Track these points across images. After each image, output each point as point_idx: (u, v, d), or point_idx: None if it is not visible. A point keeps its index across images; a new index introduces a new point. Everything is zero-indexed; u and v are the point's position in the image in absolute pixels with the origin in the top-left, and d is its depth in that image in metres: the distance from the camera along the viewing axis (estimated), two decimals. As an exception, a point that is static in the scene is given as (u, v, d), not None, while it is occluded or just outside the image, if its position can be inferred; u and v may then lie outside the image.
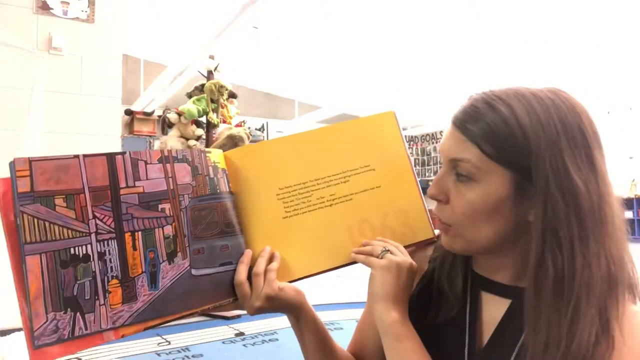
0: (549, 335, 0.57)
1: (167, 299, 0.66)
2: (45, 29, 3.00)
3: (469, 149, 0.61)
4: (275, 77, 9.57)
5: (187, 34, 7.13)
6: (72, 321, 0.61)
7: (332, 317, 3.31)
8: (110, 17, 3.19)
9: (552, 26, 5.83)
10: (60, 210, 0.62)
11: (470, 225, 0.63)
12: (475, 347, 0.67)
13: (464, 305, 0.69)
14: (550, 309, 0.57)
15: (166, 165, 0.69)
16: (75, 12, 3.08)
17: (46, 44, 3.00)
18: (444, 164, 0.66)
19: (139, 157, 0.67)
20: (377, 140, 0.78)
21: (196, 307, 0.68)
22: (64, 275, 0.61)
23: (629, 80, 8.36)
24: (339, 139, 0.77)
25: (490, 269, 0.68)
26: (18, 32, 2.93)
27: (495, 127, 0.59)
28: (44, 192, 0.61)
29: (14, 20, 2.93)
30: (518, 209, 0.61)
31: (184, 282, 0.67)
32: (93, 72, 3.12)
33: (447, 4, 5.86)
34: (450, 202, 0.64)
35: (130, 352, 2.58)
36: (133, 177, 0.66)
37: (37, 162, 0.62)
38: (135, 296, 0.64)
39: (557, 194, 0.57)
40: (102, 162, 0.65)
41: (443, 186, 0.65)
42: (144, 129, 8.96)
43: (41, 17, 3.00)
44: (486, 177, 0.61)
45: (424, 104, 9.89)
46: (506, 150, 0.59)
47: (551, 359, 0.57)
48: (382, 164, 0.77)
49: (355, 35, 7.04)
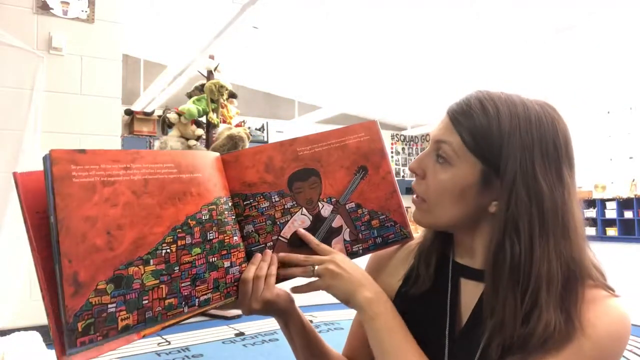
0: (505, 317, 0.63)
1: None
2: (45, 29, 3.00)
3: (453, 135, 0.69)
4: (275, 77, 9.57)
5: (187, 34, 7.14)
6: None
7: (332, 317, 3.31)
8: (110, 17, 3.19)
9: (552, 26, 5.83)
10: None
11: (438, 202, 0.70)
12: (455, 331, 0.72)
13: (445, 293, 0.74)
14: (507, 292, 0.63)
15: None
16: (75, 12, 3.08)
17: (46, 44, 3.00)
18: (430, 144, 0.73)
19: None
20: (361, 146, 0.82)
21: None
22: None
23: (629, 80, 8.36)
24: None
25: (468, 256, 0.74)
26: (18, 32, 2.92)
27: (478, 122, 0.67)
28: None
29: (14, 20, 2.93)
30: (480, 197, 0.68)
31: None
32: (93, 72, 3.12)
33: (447, 4, 5.86)
34: (427, 178, 0.72)
35: (130, 352, 2.58)
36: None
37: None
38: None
39: (522, 191, 0.64)
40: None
41: (423, 163, 0.73)
42: (144, 129, 8.96)
43: (41, 17, 3.00)
44: (459, 163, 0.68)
45: (424, 104, 9.89)
46: (481, 143, 0.67)
47: (506, 340, 0.62)
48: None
49: (355, 35, 7.04)
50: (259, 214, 0.76)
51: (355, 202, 0.79)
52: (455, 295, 0.74)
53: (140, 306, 0.61)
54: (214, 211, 0.70)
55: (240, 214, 0.75)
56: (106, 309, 0.58)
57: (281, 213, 0.77)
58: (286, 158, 0.78)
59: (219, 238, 0.70)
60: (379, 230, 0.80)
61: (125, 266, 0.60)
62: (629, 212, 9.42)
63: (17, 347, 2.05)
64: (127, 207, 0.61)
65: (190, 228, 0.67)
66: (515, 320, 0.62)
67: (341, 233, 0.79)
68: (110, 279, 0.58)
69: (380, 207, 0.80)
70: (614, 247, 8.46)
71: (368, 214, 0.80)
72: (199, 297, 0.67)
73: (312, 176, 0.78)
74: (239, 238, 0.74)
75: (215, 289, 0.69)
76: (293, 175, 0.78)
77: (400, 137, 12.72)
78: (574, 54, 7.09)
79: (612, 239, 9.57)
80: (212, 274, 0.68)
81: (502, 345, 0.63)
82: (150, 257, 0.62)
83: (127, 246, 0.60)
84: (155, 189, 0.64)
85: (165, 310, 0.63)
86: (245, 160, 0.76)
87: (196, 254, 0.67)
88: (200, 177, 0.70)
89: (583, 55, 7.17)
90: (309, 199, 0.78)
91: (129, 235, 0.61)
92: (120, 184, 0.61)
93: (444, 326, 0.72)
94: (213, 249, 0.69)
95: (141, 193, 0.63)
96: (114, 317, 0.58)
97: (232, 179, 0.75)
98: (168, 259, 0.64)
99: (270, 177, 0.77)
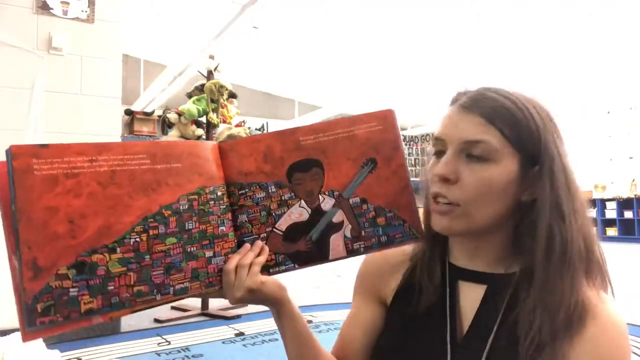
0: (557, 303, 0.63)
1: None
2: (45, 29, 3.00)
3: (490, 132, 0.67)
4: (275, 77, 9.58)
5: (187, 34, 7.14)
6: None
7: (332, 317, 3.31)
8: (110, 17, 3.19)
9: (552, 26, 5.83)
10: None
11: (479, 203, 0.67)
12: (457, 335, 0.71)
13: (444, 296, 0.73)
14: (558, 276, 0.65)
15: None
16: (75, 12, 3.08)
17: (46, 44, 3.00)
18: (452, 145, 0.69)
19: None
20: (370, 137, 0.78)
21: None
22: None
23: (629, 80, 8.36)
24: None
25: (466, 258, 0.73)
26: (18, 32, 2.93)
27: (514, 112, 0.67)
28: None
29: (14, 20, 2.93)
30: (517, 189, 0.68)
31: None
32: (93, 72, 3.12)
33: (447, 4, 5.86)
34: (461, 181, 0.68)
35: (130, 352, 2.58)
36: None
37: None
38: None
39: (560, 174, 0.67)
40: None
41: (453, 167, 0.68)
42: (144, 129, 8.95)
43: (41, 17, 3.00)
44: (502, 159, 0.67)
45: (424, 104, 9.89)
46: (523, 135, 0.67)
47: (543, 333, 0.63)
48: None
49: (355, 35, 7.04)
50: (254, 204, 0.74)
51: (360, 196, 0.75)
52: (453, 298, 0.73)
53: (105, 292, 0.63)
54: (195, 201, 0.70)
55: (235, 203, 0.74)
56: (67, 293, 0.61)
57: (277, 204, 0.74)
58: (286, 147, 0.75)
59: (200, 228, 0.70)
60: (385, 228, 0.75)
61: (88, 253, 0.63)
62: (629, 212, 9.42)
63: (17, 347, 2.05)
64: (91, 197, 0.64)
65: (165, 218, 0.68)
66: (564, 305, 0.63)
67: (342, 229, 0.75)
68: (72, 264, 0.62)
69: (388, 204, 0.75)
70: (614, 247, 8.45)
71: (374, 210, 0.75)
72: (174, 286, 0.68)
73: (314, 167, 0.75)
74: (227, 228, 0.73)
75: (194, 278, 0.69)
76: (293, 166, 0.75)
77: (400, 137, 12.70)
78: (574, 54, 7.09)
79: (612, 239, 9.57)
80: (190, 264, 0.69)
81: (536, 338, 0.63)
82: (117, 245, 0.65)
83: (91, 234, 0.63)
84: (124, 179, 0.66)
85: (134, 297, 0.65)
86: (242, 149, 0.74)
87: (171, 244, 0.68)
88: (180, 166, 0.70)
89: (583, 55, 7.17)
90: (309, 191, 0.75)
91: (93, 225, 0.63)
92: (85, 176, 0.63)
93: (445, 332, 0.71)
94: (192, 239, 0.70)
95: (107, 184, 0.65)
96: (76, 301, 0.62)
97: (229, 167, 0.74)
98: (137, 247, 0.66)
99: (268, 167, 0.74)
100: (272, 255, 0.75)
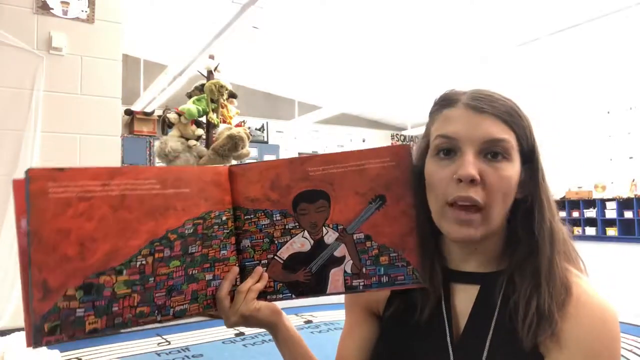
0: (556, 285, 0.67)
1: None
2: (45, 29, 3.00)
3: (507, 131, 0.69)
4: (275, 77, 9.57)
5: (187, 34, 7.13)
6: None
7: (332, 317, 3.31)
8: (110, 17, 3.19)
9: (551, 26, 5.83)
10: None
11: (497, 204, 0.68)
12: (454, 335, 0.72)
13: (439, 300, 0.73)
14: (557, 262, 0.69)
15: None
16: (75, 12, 3.08)
17: (46, 44, 3.00)
18: (470, 146, 0.67)
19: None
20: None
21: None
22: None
23: (629, 80, 8.36)
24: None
25: (459, 260, 0.74)
26: (18, 32, 2.93)
27: (519, 114, 0.70)
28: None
29: (14, 20, 2.93)
30: (517, 185, 0.71)
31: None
32: (93, 72, 3.12)
33: (447, 4, 5.86)
34: (485, 182, 0.67)
35: (130, 352, 2.58)
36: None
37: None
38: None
39: (542, 170, 0.72)
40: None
41: (477, 167, 0.67)
42: (144, 129, 8.95)
43: (41, 17, 3.00)
44: (515, 156, 0.69)
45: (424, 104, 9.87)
46: (524, 135, 0.70)
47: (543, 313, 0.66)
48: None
49: (355, 35, 7.04)
50: (257, 230, 0.75)
51: (365, 233, 0.73)
52: (448, 300, 0.73)
53: (110, 312, 0.65)
54: (200, 225, 0.72)
55: (240, 227, 0.75)
56: (74, 313, 0.62)
57: (281, 232, 0.75)
58: (295, 177, 0.74)
59: (202, 252, 0.72)
60: (387, 268, 0.73)
61: (96, 275, 0.64)
62: (629, 212, 9.41)
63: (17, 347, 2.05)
64: (102, 220, 0.64)
65: (170, 242, 0.69)
66: (558, 286, 0.67)
67: (343, 264, 0.74)
68: (80, 286, 0.63)
69: (393, 243, 0.73)
70: (614, 247, 8.46)
71: (377, 248, 0.73)
72: (174, 307, 0.70)
73: (320, 199, 0.74)
74: (229, 252, 0.75)
75: (193, 300, 0.72)
76: (299, 196, 0.74)
77: (400, 137, 12.72)
78: (574, 54, 7.09)
79: (612, 239, 9.57)
80: (190, 286, 0.71)
81: (534, 319, 0.66)
82: (124, 268, 0.66)
83: (100, 257, 0.64)
84: (133, 203, 0.67)
85: (136, 318, 0.67)
86: (252, 175, 0.76)
87: (174, 267, 0.70)
88: (188, 192, 0.71)
89: (583, 55, 7.17)
90: (313, 223, 0.74)
91: (102, 247, 0.64)
92: (97, 199, 0.64)
93: (444, 334, 0.71)
94: (194, 262, 0.72)
95: (118, 208, 0.66)
96: (82, 321, 0.63)
97: (237, 192, 0.75)
98: (143, 270, 0.67)
99: (274, 195, 0.75)
100: (271, 282, 0.76)
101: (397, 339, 0.77)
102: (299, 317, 3.34)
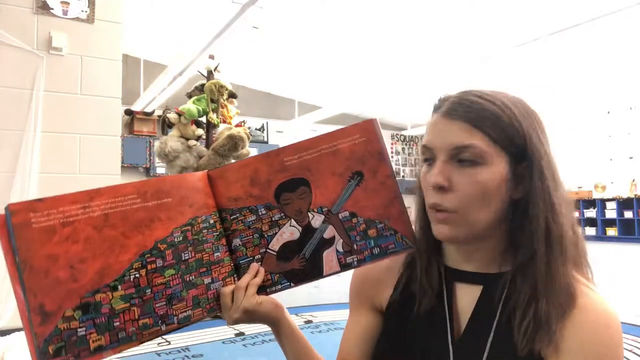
0: (556, 287, 0.66)
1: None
2: (45, 29, 3.00)
3: (476, 135, 0.67)
4: (275, 77, 9.57)
5: (187, 34, 7.13)
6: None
7: (332, 317, 3.31)
8: (111, 17, 3.19)
9: (551, 26, 5.83)
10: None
11: (475, 207, 0.68)
12: (455, 335, 0.72)
13: (441, 298, 0.74)
14: (558, 263, 0.67)
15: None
16: (75, 12, 3.08)
17: (46, 44, 3.00)
18: (441, 153, 0.69)
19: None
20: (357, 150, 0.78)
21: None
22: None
23: (629, 80, 8.36)
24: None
25: (461, 260, 0.74)
26: (18, 32, 2.93)
27: (497, 115, 0.68)
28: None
29: (14, 20, 2.93)
30: (509, 188, 0.69)
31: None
32: (93, 72, 3.12)
33: (447, 4, 5.86)
34: (454, 188, 0.68)
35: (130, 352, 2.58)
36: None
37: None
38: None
39: (546, 168, 0.69)
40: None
41: (446, 174, 0.69)
42: (144, 129, 8.96)
43: (41, 17, 3.00)
44: (491, 160, 0.68)
45: (424, 104, 9.88)
46: (507, 135, 0.68)
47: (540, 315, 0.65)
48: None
49: (355, 35, 7.04)
50: (246, 228, 0.76)
51: (349, 210, 0.75)
52: (450, 300, 0.74)
53: (112, 328, 0.66)
54: (189, 232, 0.73)
55: (228, 228, 0.76)
56: (76, 333, 0.64)
57: (269, 226, 0.76)
58: (272, 170, 0.76)
59: (196, 257, 0.73)
60: (377, 239, 0.75)
61: (91, 294, 0.65)
62: (629, 212, 9.42)
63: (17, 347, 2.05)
64: (88, 241, 0.66)
65: (161, 252, 0.70)
66: (559, 290, 0.66)
67: (334, 244, 0.76)
68: (77, 306, 0.64)
69: (378, 215, 0.75)
70: (614, 247, 8.46)
71: (364, 223, 0.75)
72: (178, 315, 0.71)
73: (300, 186, 0.76)
74: (222, 253, 0.75)
75: (195, 305, 0.72)
76: (280, 187, 0.76)
77: (400, 137, 12.71)
78: (574, 54, 7.09)
79: (612, 239, 9.57)
80: (190, 292, 0.72)
81: (531, 323, 0.65)
82: (118, 283, 0.67)
83: (92, 276, 0.66)
84: (117, 220, 0.68)
85: (140, 330, 0.68)
86: (231, 175, 0.76)
87: (170, 275, 0.71)
88: (170, 201, 0.72)
89: (583, 55, 7.17)
90: (297, 210, 0.76)
91: (93, 267, 0.66)
92: (80, 222, 0.66)
93: (445, 333, 0.72)
94: (190, 268, 0.72)
95: (102, 227, 0.67)
96: (85, 339, 0.64)
97: (219, 194, 0.76)
98: (138, 283, 0.68)
99: (256, 191, 0.76)
100: (268, 275, 0.77)
101: (398, 336, 0.77)
102: (299, 317, 3.34)
